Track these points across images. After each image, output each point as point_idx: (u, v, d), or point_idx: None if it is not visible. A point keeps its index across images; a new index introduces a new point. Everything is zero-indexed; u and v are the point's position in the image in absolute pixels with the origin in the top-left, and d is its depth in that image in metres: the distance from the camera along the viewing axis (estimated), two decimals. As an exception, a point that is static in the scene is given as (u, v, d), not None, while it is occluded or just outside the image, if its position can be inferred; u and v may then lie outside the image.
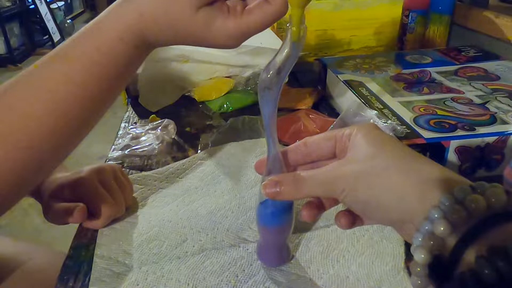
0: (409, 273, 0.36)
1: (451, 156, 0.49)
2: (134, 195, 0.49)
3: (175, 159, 0.56)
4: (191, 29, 0.34)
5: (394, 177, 0.27)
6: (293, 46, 0.30)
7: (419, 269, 0.24)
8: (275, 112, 0.32)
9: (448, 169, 0.27)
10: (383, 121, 0.51)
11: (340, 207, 0.34)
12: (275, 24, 0.84)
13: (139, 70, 0.73)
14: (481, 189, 0.24)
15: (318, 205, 0.34)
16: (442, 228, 0.23)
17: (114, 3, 0.36)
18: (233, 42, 0.35)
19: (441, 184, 0.25)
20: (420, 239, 0.24)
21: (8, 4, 3.73)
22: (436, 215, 0.24)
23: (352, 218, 0.32)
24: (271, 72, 0.30)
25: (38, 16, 4.10)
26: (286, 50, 0.30)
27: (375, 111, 0.54)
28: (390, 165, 0.28)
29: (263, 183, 0.32)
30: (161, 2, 0.34)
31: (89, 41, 0.35)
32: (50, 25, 4.24)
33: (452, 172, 0.27)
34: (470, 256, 0.22)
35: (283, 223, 0.36)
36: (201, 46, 0.37)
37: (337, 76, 0.66)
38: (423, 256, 0.23)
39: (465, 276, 0.21)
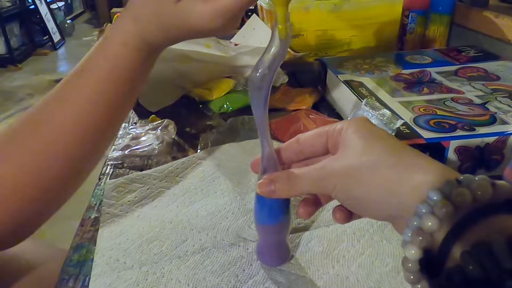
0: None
1: (451, 156, 0.49)
2: (133, 194, 0.49)
3: (175, 159, 0.56)
4: (176, 19, 0.37)
5: (384, 172, 0.27)
6: (280, 44, 0.30)
7: (410, 264, 0.24)
8: (267, 110, 0.32)
9: (440, 163, 0.27)
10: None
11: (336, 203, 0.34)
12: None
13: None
14: (468, 182, 0.23)
15: (315, 202, 0.34)
16: (429, 223, 0.23)
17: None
18: (217, 23, 0.37)
19: (430, 178, 0.25)
20: (409, 234, 0.24)
21: (8, 4, 3.73)
22: (424, 210, 0.23)
23: (348, 213, 0.32)
24: (260, 71, 0.30)
25: (38, 16, 4.10)
26: (273, 48, 0.30)
27: (388, 112, 0.50)
28: (380, 160, 0.27)
29: (258, 182, 0.32)
30: (149, 3, 0.38)
31: (98, 52, 0.40)
32: (50, 25, 4.24)
33: (444, 166, 0.26)
34: (457, 251, 0.22)
35: (280, 221, 0.36)
36: (194, 36, 0.41)
37: (337, 76, 0.66)
38: (413, 251, 0.23)
39: (451, 271, 0.21)
